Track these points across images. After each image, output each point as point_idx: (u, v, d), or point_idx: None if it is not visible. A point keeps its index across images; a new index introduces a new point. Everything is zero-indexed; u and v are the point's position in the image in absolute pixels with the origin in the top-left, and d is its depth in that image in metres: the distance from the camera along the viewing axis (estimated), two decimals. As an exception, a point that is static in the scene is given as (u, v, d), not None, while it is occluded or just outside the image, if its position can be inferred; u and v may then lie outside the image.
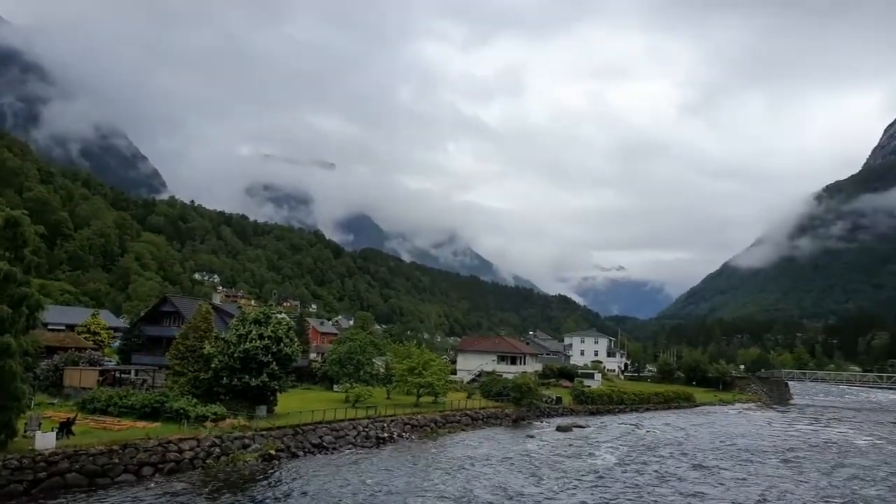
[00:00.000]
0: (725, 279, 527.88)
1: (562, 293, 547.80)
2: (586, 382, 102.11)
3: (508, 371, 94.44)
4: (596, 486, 40.73)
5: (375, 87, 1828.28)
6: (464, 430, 63.08)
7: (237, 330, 51.34)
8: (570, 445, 57.35)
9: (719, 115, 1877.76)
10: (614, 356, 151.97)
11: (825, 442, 66.63)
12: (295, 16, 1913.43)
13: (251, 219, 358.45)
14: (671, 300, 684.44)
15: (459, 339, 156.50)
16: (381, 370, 74.60)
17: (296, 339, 54.63)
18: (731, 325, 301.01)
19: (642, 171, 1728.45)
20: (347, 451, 48.16)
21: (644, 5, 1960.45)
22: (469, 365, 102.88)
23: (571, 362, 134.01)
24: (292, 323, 61.55)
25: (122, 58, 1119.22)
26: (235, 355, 49.82)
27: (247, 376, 49.61)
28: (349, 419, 52.98)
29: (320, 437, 47.99)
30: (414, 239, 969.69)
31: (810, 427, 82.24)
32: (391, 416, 57.94)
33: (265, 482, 37.35)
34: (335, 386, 73.37)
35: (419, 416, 60.91)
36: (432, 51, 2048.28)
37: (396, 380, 69.42)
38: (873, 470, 50.59)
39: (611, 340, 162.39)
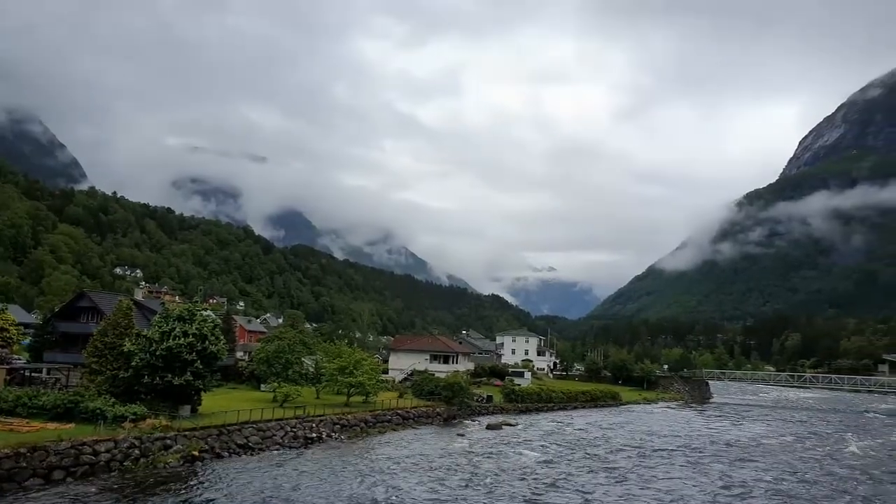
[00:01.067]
0: (651, 281, 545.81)
1: (495, 293, 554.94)
2: (517, 381, 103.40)
3: (441, 370, 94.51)
4: (522, 483, 41.13)
5: (312, 81, 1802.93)
6: (394, 429, 62.73)
7: (160, 327, 49.33)
8: (499, 443, 57.89)
9: (650, 122, 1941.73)
10: (544, 355, 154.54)
11: (736, 440, 69.51)
12: (231, 5, 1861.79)
13: (177, 212, 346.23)
14: (599, 301, 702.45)
15: (392, 339, 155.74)
16: (311, 369, 73.27)
17: (222, 337, 52.91)
18: (656, 326, 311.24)
19: (575, 174, 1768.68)
20: (274, 451, 47.08)
21: (580, 12, 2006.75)
22: (401, 364, 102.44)
23: (503, 361, 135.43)
24: (218, 320, 59.56)
25: (40, 41, 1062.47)
26: (158, 353, 47.86)
27: (169, 375, 47.73)
28: (277, 419, 51.76)
29: (246, 438, 46.69)
30: (347, 236, 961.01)
31: (723, 424, 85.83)
32: (320, 416, 56.99)
33: (186, 484, 35.99)
34: (262, 385, 71.62)
35: (349, 415, 60.15)
36: (371, 48, 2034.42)
37: (326, 379, 68.32)
38: (775, 466, 53.12)
39: (541, 340, 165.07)
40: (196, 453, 41.45)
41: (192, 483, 36.36)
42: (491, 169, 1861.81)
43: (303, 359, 73.23)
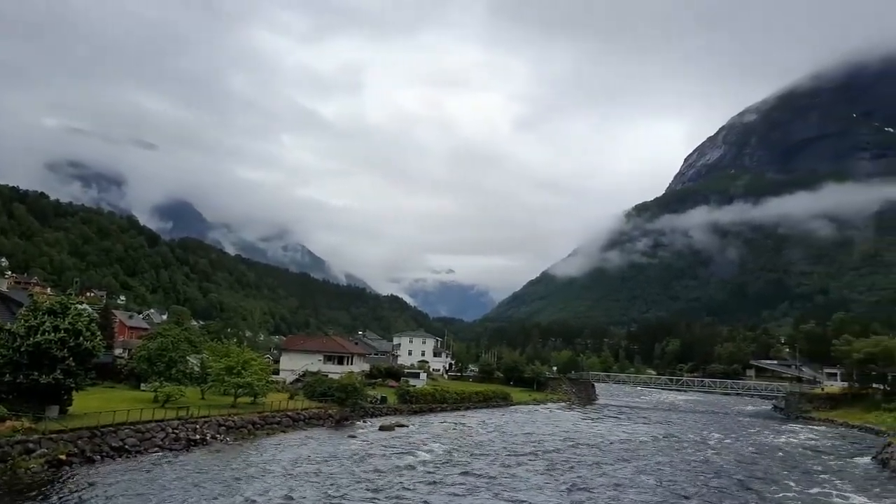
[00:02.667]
0: (545, 286, 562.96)
1: (394, 293, 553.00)
2: (412, 382, 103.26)
3: (335, 371, 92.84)
4: (412, 483, 40.87)
5: (208, 70, 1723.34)
6: (284, 431, 60.85)
7: (27, 321, 45.26)
8: (391, 444, 57.53)
9: (549, 133, 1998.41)
10: (440, 356, 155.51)
11: (617, 439, 72.79)
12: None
13: (52, 197, 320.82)
14: (495, 304, 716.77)
15: (284, 338, 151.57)
16: (196, 369, 69.79)
17: (98, 333, 49.28)
18: (547, 329, 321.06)
19: (476, 179, 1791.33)
20: (153, 454, 44.35)
21: (484, 20, 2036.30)
22: (294, 365, 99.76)
23: (399, 362, 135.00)
24: (95, 315, 55.50)
25: None
26: (23, 349, 43.85)
27: (36, 373, 43.81)
28: (157, 420, 48.78)
29: (122, 440, 43.65)
30: (241, 231, 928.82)
31: (605, 425, 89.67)
32: (205, 417, 54.32)
33: (48, 491, 33.04)
34: (143, 385, 67.48)
35: (235, 417, 57.72)
36: (271, 40, 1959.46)
37: (212, 379, 65.29)
38: (647, 463, 55.96)
39: (438, 341, 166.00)
40: (63, 457, 38.26)
41: (54, 490, 33.43)
42: (393, 169, 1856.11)
43: (188, 357, 69.65)
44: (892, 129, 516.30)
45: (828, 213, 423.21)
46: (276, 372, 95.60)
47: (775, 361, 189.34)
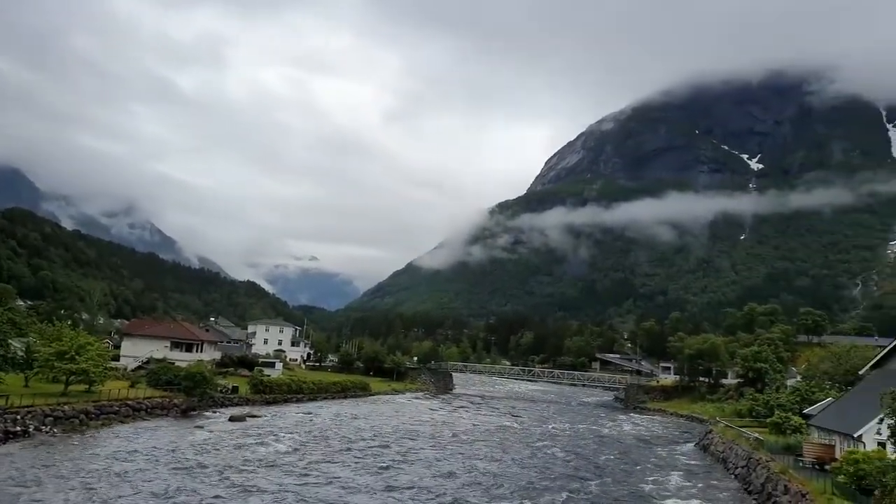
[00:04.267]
0: (409, 277, 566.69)
1: (251, 279, 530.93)
2: (266, 371, 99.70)
3: (183, 359, 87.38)
4: (256, 475, 39.17)
5: (52, 27, 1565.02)
6: (122, 421, 56.25)
7: None
8: (242, 435, 55.15)
9: (420, 127, 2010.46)
10: (298, 345, 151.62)
11: (468, 427, 74.58)
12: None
13: None
14: (359, 293, 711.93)
15: (127, 322, 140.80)
16: (21, 353, 62.60)
17: None
18: (410, 320, 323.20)
19: (343, 167, 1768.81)
20: (-41, 450, 39.11)
21: (356, 6, 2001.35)
22: (137, 351, 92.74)
23: (254, 351, 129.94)
24: None
25: None
26: None
27: None
28: (-34, 411, 43.17)
29: (-81, 435, 38.09)
30: (81, 204, 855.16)
31: (458, 414, 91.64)
32: (28, 406, 48.88)
33: None
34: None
35: (66, 406, 52.45)
36: (125, 1, 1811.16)
37: (40, 365, 58.93)
38: (492, 450, 57.71)
39: (296, 330, 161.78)
40: None
41: None
42: (256, 151, 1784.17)
43: (10, 341, 62.26)
44: (727, 147, 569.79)
45: (670, 220, 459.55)
46: (117, 358, 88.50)
47: (618, 355, 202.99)
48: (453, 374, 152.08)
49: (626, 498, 40.55)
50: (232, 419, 64.95)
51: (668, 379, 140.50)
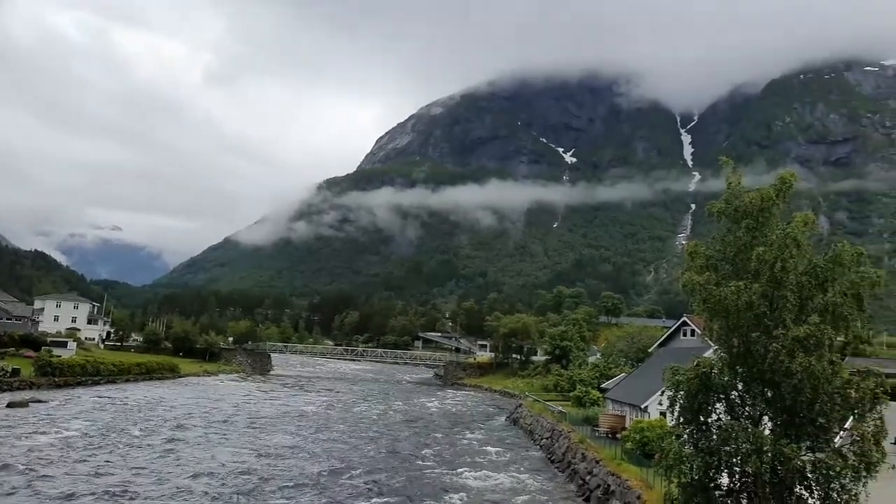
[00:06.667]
0: (227, 252, 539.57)
1: (40, 249, 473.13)
2: (56, 352, 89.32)
3: (-53, 337, 75.53)
4: (37, 466, 34.60)
5: None
6: None
7: None
8: (23, 423, 48.76)
9: (243, 95, 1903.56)
10: (96, 323, 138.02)
11: (284, 410, 72.71)
12: None
13: None
14: (169, 268, 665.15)
15: None
16: None
17: None
18: (226, 298, 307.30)
19: (154, 129, 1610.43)
20: None
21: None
22: None
23: (42, 329, 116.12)
24: None
25: None
26: None
27: None
28: None
29: None
30: None
31: (276, 395, 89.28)
32: None
33: None
34: None
35: None
36: None
37: None
38: (309, 431, 56.68)
39: (94, 306, 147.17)
40: None
41: None
42: (46, 105, 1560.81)
43: None
44: (545, 140, 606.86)
45: (491, 206, 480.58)
46: None
47: (440, 334, 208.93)
48: (273, 354, 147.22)
49: (436, 474, 41.14)
50: (11, 405, 57.46)
51: (485, 356, 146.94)
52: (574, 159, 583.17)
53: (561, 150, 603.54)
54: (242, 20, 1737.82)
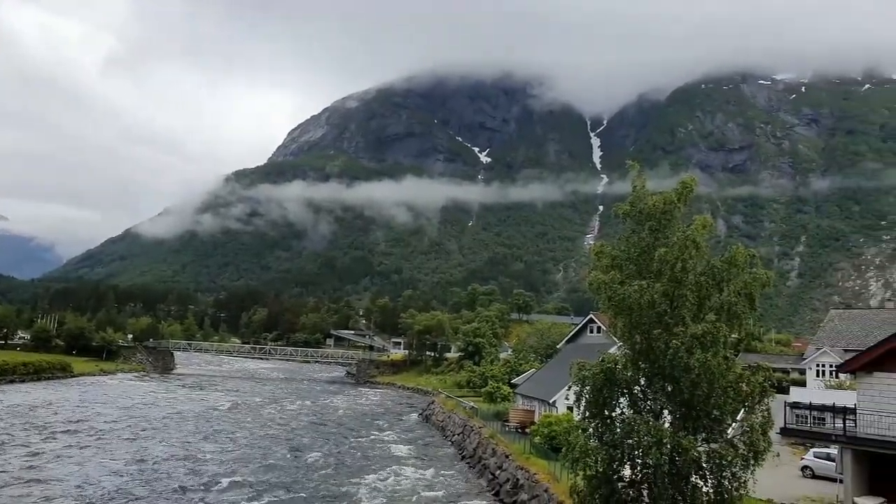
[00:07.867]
0: (127, 245, 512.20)
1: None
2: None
3: None
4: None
5: None
6: None
7: None
8: None
9: (148, 81, 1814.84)
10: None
11: (183, 410, 69.99)
12: None
13: None
14: (63, 261, 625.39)
15: None
16: None
17: None
18: (126, 293, 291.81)
19: (45, 113, 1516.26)
20: None
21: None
22: None
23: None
24: None
25: None
26: None
27: None
28: None
29: None
30: None
31: (176, 395, 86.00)
32: None
33: None
34: None
35: None
36: None
37: None
38: (205, 433, 54.89)
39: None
40: None
41: None
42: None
43: None
44: (461, 139, 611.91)
45: (407, 203, 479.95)
46: None
47: (353, 331, 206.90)
48: (176, 353, 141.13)
49: (341, 477, 40.49)
50: None
51: (399, 353, 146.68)
52: (489, 159, 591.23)
53: (476, 149, 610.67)
54: (148, 3, 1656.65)
